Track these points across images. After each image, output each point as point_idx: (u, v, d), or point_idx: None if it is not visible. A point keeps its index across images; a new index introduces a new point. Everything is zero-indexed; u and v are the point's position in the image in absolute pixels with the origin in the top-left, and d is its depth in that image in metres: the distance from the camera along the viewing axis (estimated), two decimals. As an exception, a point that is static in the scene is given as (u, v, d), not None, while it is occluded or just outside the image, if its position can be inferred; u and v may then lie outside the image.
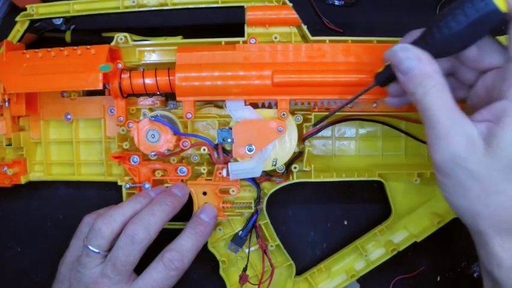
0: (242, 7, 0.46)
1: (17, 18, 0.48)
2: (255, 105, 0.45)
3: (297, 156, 0.47)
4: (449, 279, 0.53)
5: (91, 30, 0.50)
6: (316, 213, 0.54)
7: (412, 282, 0.53)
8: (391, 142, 0.50)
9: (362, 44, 0.44)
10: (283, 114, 0.43)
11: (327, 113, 0.44)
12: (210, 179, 0.47)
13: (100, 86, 0.43)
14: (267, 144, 0.44)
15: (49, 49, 0.45)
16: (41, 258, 0.54)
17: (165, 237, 0.44)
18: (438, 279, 0.53)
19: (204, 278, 0.53)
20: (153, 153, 0.43)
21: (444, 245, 0.53)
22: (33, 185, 0.53)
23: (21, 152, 0.50)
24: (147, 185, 0.47)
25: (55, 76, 0.44)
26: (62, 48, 0.45)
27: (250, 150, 0.44)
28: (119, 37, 0.46)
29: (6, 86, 0.44)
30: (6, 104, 0.46)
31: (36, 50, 0.46)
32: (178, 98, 0.44)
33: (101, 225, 0.42)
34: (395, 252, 0.48)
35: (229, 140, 0.44)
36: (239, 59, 0.44)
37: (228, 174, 0.45)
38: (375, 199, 0.52)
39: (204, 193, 0.47)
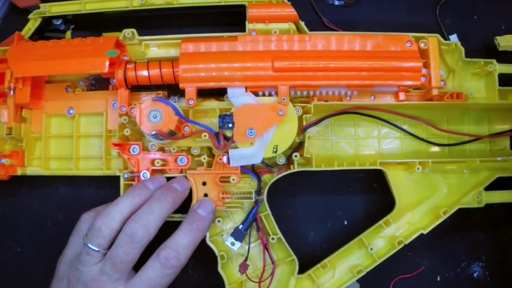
0: (244, 5, 0.45)
1: (30, 16, 0.48)
2: (255, 95, 0.43)
3: (298, 147, 0.45)
4: (449, 279, 0.49)
5: (91, 30, 0.49)
6: (316, 214, 0.50)
7: (412, 282, 0.49)
8: (389, 140, 0.49)
9: (356, 35, 0.43)
10: (284, 99, 0.42)
11: (325, 103, 0.42)
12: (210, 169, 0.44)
13: (106, 69, 0.41)
14: (268, 128, 0.41)
15: (59, 39, 0.44)
16: (41, 258, 0.50)
17: (163, 229, 0.40)
18: (438, 279, 0.49)
19: (202, 276, 0.49)
20: (154, 132, 0.40)
21: (444, 245, 0.50)
22: (33, 185, 0.50)
23: (21, 143, 0.47)
24: (145, 174, 0.44)
25: (62, 61, 0.42)
26: (71, 39, 0.44)
27: (251, 134, 0.41)
28: (126, 32, 0.45)
29: (14, 70, 0.42)
30: (11, 92, 0.44)
31: (46, 41, 0.44)
32: (181, 85, 0.42)
33: (100, 225, 0.39)
34: (402, 245, 0.44)
35: (230, 125, 0.41)
36: (241, 48, 0.43)
37: (228, 161, 0.42)
38: (376, 199, 0.50)
39: (204, 183, 0.43)
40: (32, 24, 0.48)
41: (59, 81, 0.47)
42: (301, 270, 0.45)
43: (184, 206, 0.43)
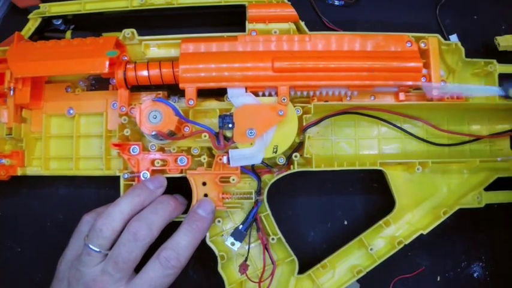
0: (244, 5, 0.45)
1: (30, 16, 0.47)
2: (255, 95, 0.43)
3: (298, 148, 0.44)
4: (449, 279, 0.49)
5: (91, 30, 0.49)
6: (316, 214, 0.50)
7: (412, 282, 0.49)
8: (389, 140, 0.48)
9: (356, 35, 0.43)
10: (284, 99, 0.41)
11: (325, 103, 0.42)
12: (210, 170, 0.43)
13: (106, 70, 0.41)
14: (268, 129, 0.41)
15: (59, 39, 0.43)
16: (41, 258, 0.49)
17: (164, 230, 0.40)
18: (438, 279, 0.49)
19: (202, 276, 0.49)
20: (154, 132, 0.40)
21: (444, 245, 0.49)
22: (33, 185, 0.50)
23: (21, 143, 0.46)
24: (145, 174, 0.43)
25: (62, 61, 0.41)
26: (71, 39, 0.43)
27: (251, 134, 0.41)
28: (126, 32, 0.45)
29: (14, 70, 0.42)
30: (11, 92, 0.44)
31: (46, 41, 0.44)
32: (181, 85, 0.42)
33: (101, 225, 0.39)
34: (401, 245, 0.44)
35: (230, 126, 0.41)
36: (241, 48, 0.42)
37: (228, 161, 0.42)
38: (376, 199, 0.49)
39: (204, 183, 0.43)
40: (32, 24, 0.47)
41: (59, 81, 0.47)
42: (301, 270, 0.45)
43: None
